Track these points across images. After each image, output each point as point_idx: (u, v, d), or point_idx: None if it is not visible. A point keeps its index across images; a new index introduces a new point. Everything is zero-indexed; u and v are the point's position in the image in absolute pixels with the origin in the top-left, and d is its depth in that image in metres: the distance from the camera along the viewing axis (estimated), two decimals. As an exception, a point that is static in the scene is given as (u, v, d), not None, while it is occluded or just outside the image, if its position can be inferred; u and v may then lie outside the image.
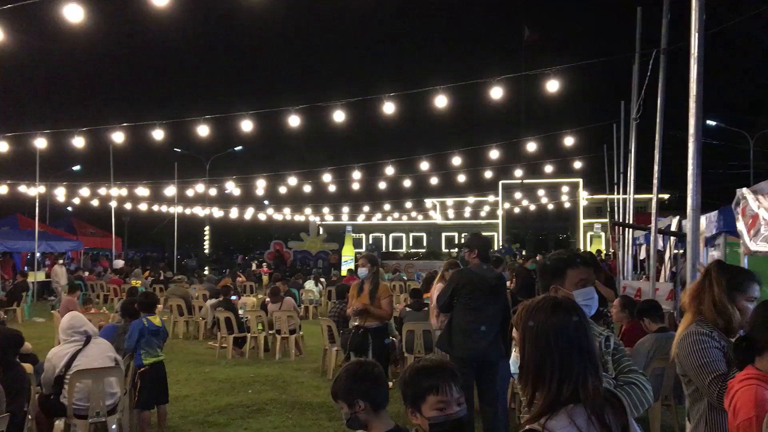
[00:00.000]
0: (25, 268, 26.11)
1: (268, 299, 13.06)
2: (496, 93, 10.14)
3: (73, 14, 6.45)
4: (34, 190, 21.82)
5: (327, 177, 20.47)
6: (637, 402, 2.58)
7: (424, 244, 51.46)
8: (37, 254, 23.92)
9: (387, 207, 32.96)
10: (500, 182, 45.61)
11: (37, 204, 22.65)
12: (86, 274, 24.86)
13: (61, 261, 20.07)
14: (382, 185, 22.29)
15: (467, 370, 5.63)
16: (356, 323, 7.36)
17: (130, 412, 6.70)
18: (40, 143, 15.80)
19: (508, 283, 9.16)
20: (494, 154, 15.79)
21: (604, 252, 30.43)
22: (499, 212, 46.21)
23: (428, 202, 46.12)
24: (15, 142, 15.66)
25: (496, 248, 39.56)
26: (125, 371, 6.67)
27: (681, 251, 10.47)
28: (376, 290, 7.25)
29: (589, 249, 40.34)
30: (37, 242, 23.04)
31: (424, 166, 17.70)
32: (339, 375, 2.92)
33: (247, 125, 12.25)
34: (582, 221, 50.34)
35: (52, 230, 29.32)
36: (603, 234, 38.04)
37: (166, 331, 7.32)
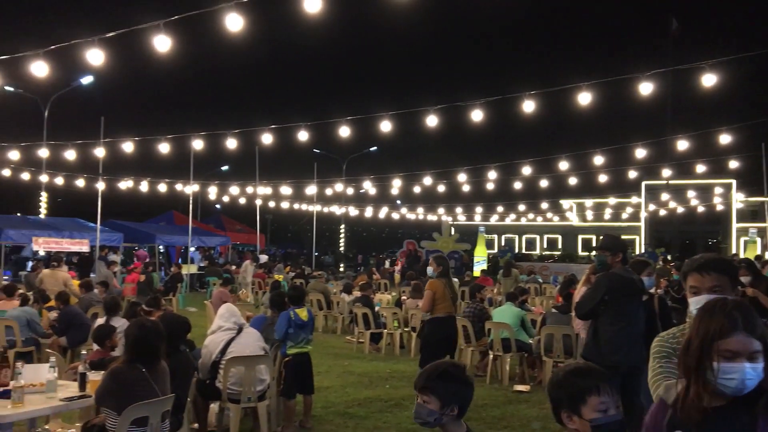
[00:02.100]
0: (179, 260, 28.20)
1: (405, 296, 13.26)
2: (645, 89, 9.67)
3: (233, 24, 6.92)
4: (188, 189, 23.47)
5: (461, 177, 20.46)
6: None
7: (559, 246, 49.94)
8: (192, 248, 25.73)
9: (521, 208, 32.36)
10: (643, 183, 43.36)
11: (190, 201, 24.36)
12: (233, 267, 26.42)
13: (249, 259, 21.39)
14: (517, 185, 21.95)
15: (615, 378, 5.41)
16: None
17: (277, 400, 7.05)
18: (197, 145, 17.01)
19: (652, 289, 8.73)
20: (639, 153, 15.06)
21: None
22: (643, 214, 43.93)
23: (565, 203, 44.71)
24: (174, 144, 16.96)
25: (637, 252, 37.68)
26: (273, 360, 7.02)
27: None
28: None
29: (743, 255, 37.43)
30: (191, 237, 24.79)
31: (563, 165, 17.22)
32: (443, 372, 2.83)
33: (385, 126, 12.48)
34: (735, 225, 46.77)
35: (203, 226, 31.44)
36: (759, 239, 35.11)
37: (313, 325, 7.62)
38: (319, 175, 28.00)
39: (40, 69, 8.50)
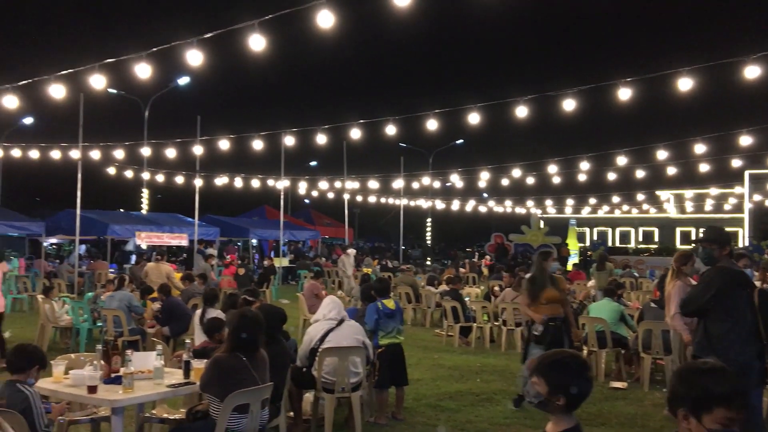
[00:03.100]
0: (272, 253, 29.01)
1: (497, 288, 13.11)
2: (751, 72, 9.12)
3: (324, 21, 7.05)
4: (280, 184, 24.09)
5: (552, 168, 19.98)
6: None
7: (655, 239, 47.97)
8: (283, 241, 26.40)
9: (615, 199, 31.26)
10: (747, 172, 41.04)
11: (281, 197, 25.00)
12: (323, 260, 26.93)
13: (348, 251, 21.83)
14: (611, 176, 21.24)
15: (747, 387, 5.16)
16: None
17: (370, 391, 7.14)
18: (288, 141, 17.43)
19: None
20: (744, 140, 14.24)
21: None
22: (747, 205, 41.56)
23: (663, 194, 42.85)
24: (266, 140, 17.44)
25: (740, 245, 35.70)
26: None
27: None
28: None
29: None
30: (282, 231, 25.45)
31: (661, 155, 16.50)
32: (557, 361, 2.77)
33: (473, 118, 12.37)
34: None
35: (293, 220, 32.22)
36: None
37: (401, 313, 7.67)
38: (406, 169, 28.09)
39: (143, 71, 8.95)
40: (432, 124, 12.78)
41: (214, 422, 4.65)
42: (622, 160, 17.89)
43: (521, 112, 11.45)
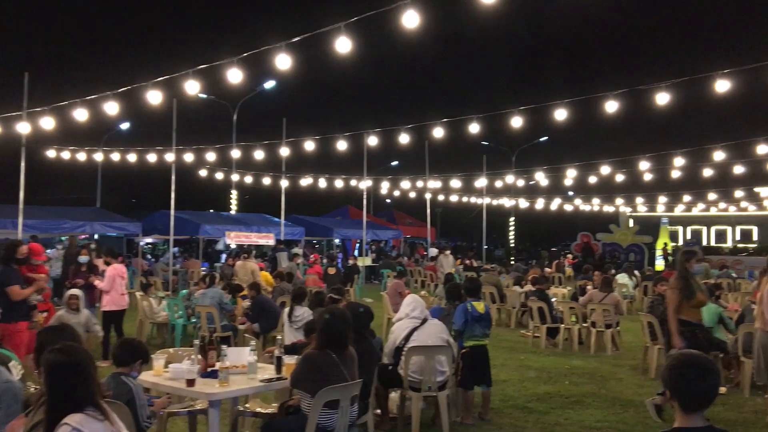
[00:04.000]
0: (355, 253, 29.35)
1: (589, 287, 12.78)
2: None
3: (409, 21, 7.07)
4: (363, 184, 24.34)
5: (643, 165, 19.24)
6: None
7: (754, 238, 45.51)
8: (366, 240, 26.65)
9: (711, 196, 29.78)
10: None
11: (364, 196, 25.24)
12: (405, 260, 27.01)
13: (448, 251, 21.91)
14: (706, 172, 20.25)
15: None
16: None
17: (455, 391, 7.10)
18: (371, 141, 17.59)
19: None
20: None
21: None
22: None
23: (763, 191, 40.49)
24: (349, 141, 17.66)
25: None
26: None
27: None
28: None
29: None
30: (365, 230, 25.69)
31: (761, 149, 15.60)
32: (675, 363, 2.77)
33: (559, 114, 12.09)
34: None
35: (376, 220, 32.47)
36: None
37: (490, 318, 7.60)
38: (488, 168, 27.77)
39: (234, 76, 9.26)
40: (516, 122, 12.59)
41: (306, 417, 4.75)
42: (719, 156, 17.04)
43: (611, 107, 11.10)
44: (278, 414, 5.27)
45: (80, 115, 12.19)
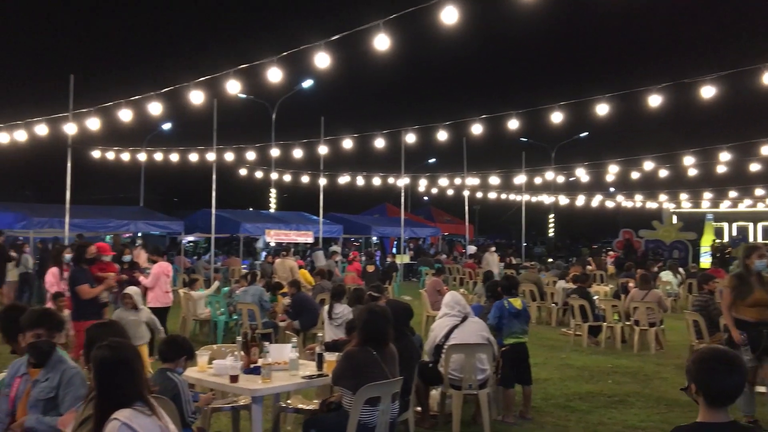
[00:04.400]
0: (393, 250, 29.38)
1: (632, 284, 12.58)
2: None
3: (448, 17, 7.04)
4: (400, 182, 24.35)
5: (687, 160, 18.80)
6: None
7: (805, 234, 44.11)
8: (404, 238, 26.67)
9: (759, 192, 28.95)
10: None
11: (402, 194, 25.24)
12: (444, 257, 26.93)
13: (493, 249, 21.80)
14: (753, 167, 19.69)
15: None
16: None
17: (496, 389, 7.06)
18: (408, 138, 17.59)
19: None
20: None
21: None
22: None
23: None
24: (387, 138, 17.67)
25: None
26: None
27: None
28: None
29: None
30: (403, 228, 25.70)
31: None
32: (700, 357, 2.78)
33: (601, 109, 11.89)
34: None
35: (414, 217, 32.45)
36: None
37: (528, 314, 7.54)
38: (527, 164, 27.51)
39: (274, 75, 9.35)
40: (556, 117, 12.42)
41: (347, 414, 4.77)
42: (766, 150, 16.57)
43: (654, 101, 10.88)
44: (320, 410, 5.31)
45: (124, 115, 12.44)
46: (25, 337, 4.20)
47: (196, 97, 10.86)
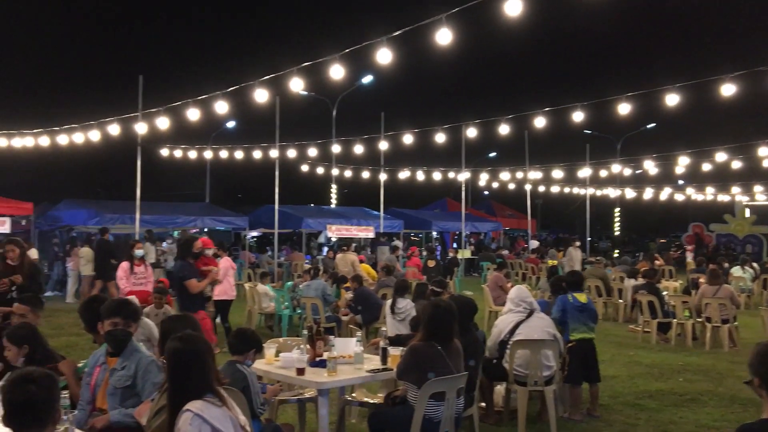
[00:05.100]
0: (454, 245, 29.25)
1: (702, 280, 12.17)
2: None
3: (512, 9, 6.95)
4: (461, 176, 24.20)
5: (763, 151, 17.98)
6: None
7: None
8: (465, 233, 26.52)
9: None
10: None
11: (463, 188, 25.09)
12: (506, 252, 26.64)
13: (578, 243, 21.53)
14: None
15: None
16: None
17: (562, 386, 6.95)
18: (469, 133, 17.45)
19: None
20: None
21: None
22: None
23: None
24: (447, 133, 17.57)
25: None
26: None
27: None
28: None
29: None
30: (464, 223, 25.55)
31: None
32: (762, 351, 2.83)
33: (671, 99, 11.51)
34: None
35: (474, 212, 32.19)
36: None
37: (593, 310, 7.38)
38: (592, 157, 26.89)
39: (336, 72, 9.42)
40: (623, 108, 12.09)
41: (412, 408, 4.78)
42: None
43: (727, 90, 10.46)
44: (384, 404, 5.34)
45: (192, 114, 12.76)
46: (104, 326, 4.37)
47: (260, 95, 11.05)
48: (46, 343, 5.06)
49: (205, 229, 23.17)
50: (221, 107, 11.96)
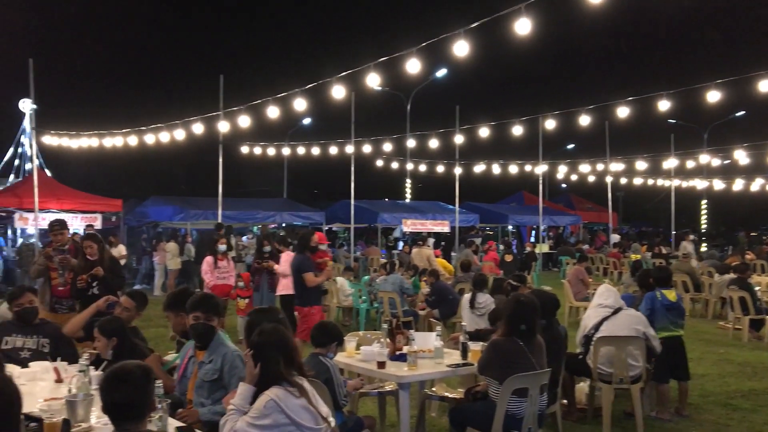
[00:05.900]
0: (531, 239, 28.76)
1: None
2: None
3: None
4: (538, 169, 23.76)
5: None
6: None
7: None
8: (542, 227, 26.06)
9: None
10: None
11: (540, 182, 24.63)
12: (586, 247, 25.99)
13: (692, 236, 20.89)
14: None
15: None
16: None
17: (649, 384, 6.72)
18: (548, 124, 17.11)
19: None
20: None
21: None
22: None
23: None
24: (524, 125, 17.29)
25: None
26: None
27: None
28: None
29: None
30: (541, 216, 25.08)
31: None
32: None
33: (764, 85, 10.94)
34: None
35: (552, 205, 31.54)
36: None
37: (682, 308, 7.11)
38: (677, 147, 25.85)
39: (413, 66, 9.42)
40: (713, 96, 11.56)
41: (494, 404, 4.73)
42: None
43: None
44: (465, 399, 5.31)
45: (270, 112, 13.04)
46: (188, 320, 4.50)
47: (337, 91, 11.17)
48: (139, 337, 5.27)
49: (283, 224, 23.68)
50: (299, 104, 12.16)
